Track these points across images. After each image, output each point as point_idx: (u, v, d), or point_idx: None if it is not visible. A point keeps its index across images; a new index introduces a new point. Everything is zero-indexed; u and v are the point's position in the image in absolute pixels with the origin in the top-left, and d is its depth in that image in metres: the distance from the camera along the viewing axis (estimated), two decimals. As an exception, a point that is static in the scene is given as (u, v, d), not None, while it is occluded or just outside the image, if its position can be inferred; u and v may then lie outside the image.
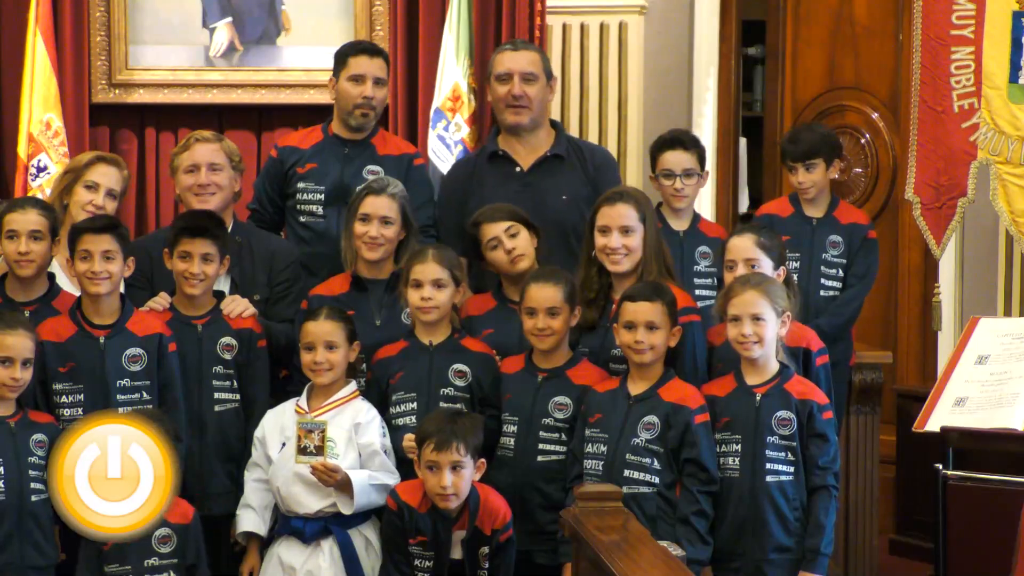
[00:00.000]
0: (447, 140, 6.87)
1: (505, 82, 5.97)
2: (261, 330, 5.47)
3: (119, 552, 4.93)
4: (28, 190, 6.71)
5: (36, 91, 6.83)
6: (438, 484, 4.88)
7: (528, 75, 5.96)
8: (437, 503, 4.92)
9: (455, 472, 4.88)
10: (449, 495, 4.88)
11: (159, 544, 4.97)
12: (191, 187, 5.73)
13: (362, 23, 7.25)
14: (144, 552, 4.95)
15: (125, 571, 4.96)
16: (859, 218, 6.08)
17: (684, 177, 5.91)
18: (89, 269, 5.13)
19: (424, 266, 5.30)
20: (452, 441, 4.87)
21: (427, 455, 4.89)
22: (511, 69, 5.98)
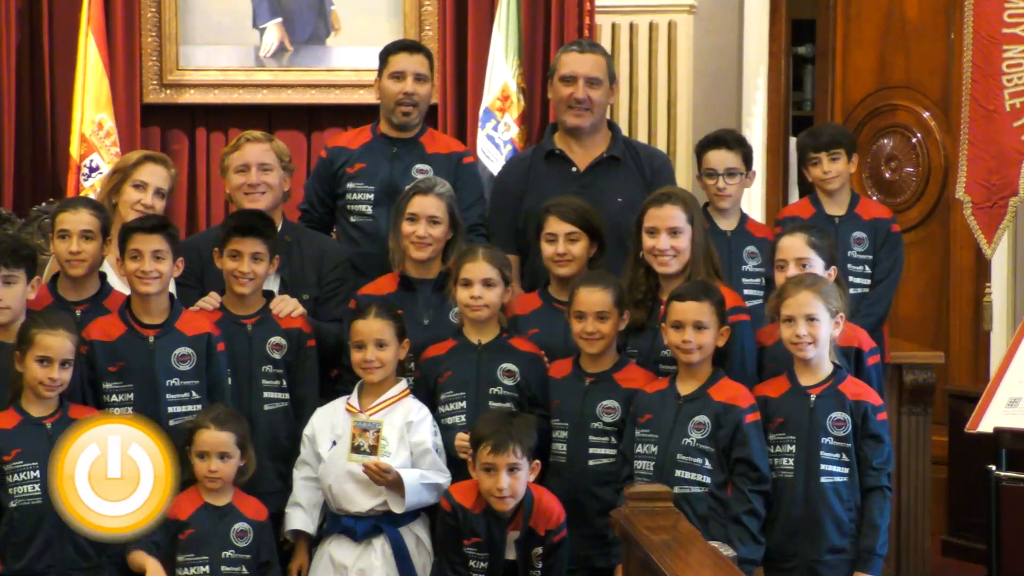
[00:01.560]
0: (496, 140, 6.87)
1: (569, 84, 5.95)
2: (310, 330, 5.47)
3: (196, 542, 5.00)
4: (80, 190, 6.74)
5: (88, 92, 6.87)
6: (495, 486, 4.88)
7: (593, 79, 5.93)
8: (493, 505, 4.91)
9: (511, 474, 4.87)
10: (506, 497, 4.88)
11: (237, 538, 5.02)
12: (241, 187, 5.75)
13: (411, 23, 7.26)
14: (222, 544, 5.01)
15: (201, 561, 5.00)
16: (882, 212, 6.04)
17: (727, 176, 5.88)
18: (139, 268, 5.15)
19: (474, 265, 5.30)
20: (509, 443, 4.86)
21: (483, 457, 4.89)
22: (576, 72, 5.95)
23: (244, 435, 5.06)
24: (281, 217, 5.80)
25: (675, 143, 7.43)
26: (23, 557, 4.89)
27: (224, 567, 5.02)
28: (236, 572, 5.04)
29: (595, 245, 5.54)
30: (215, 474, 5.01)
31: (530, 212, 5.80)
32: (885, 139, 7.68)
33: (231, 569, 5.03)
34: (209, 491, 5.06)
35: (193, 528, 5.02)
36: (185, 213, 7.26)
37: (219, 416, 5.04)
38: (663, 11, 7.49)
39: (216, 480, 5.02)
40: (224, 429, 5.01)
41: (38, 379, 4.91)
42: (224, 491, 5.08)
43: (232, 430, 5.02)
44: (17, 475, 4.88)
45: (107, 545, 4.97)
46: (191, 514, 5.03)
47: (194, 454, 5.02)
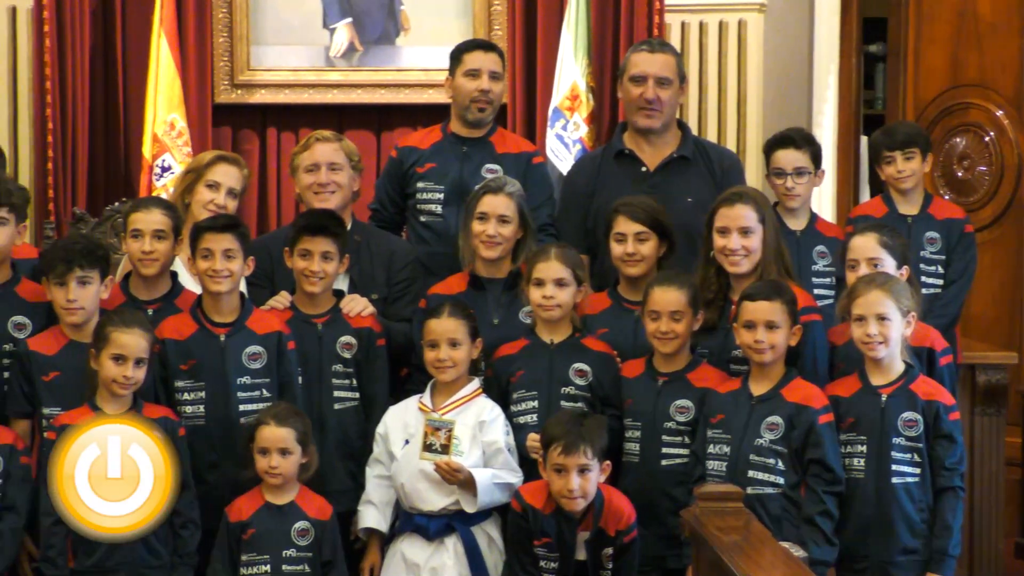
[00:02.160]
0: (565, 139, 6.87)
1: (639, 84, 5.93)
2: (380, 329, 5.49)
3: (258, 541, 5.02)
4: (152, 190, 6.79)
5: (160, 92, 6.92)
6: (565, 487, 4.87)
7: (663, 79, 5.91)
8: (564, 505, 4.90)
9: (582, 475, 4.86)
10: (576, 497, 4.87)
11: (298, 537, 5.03)
12: (311, 186, 5.78)
13: (481, 22, 7.27)
14: (283, 543, 5.03)
15: (263, 560, 5.03)
16: (955, 212, 6.00)
17: (795, 176, 5.86)
18: (210, 267, 5.18)
19: (547, 264, 5.29)
20: (580, 444, 4.85)
21: (554, 458, 4.88)
22: (646, 72, 5.93)
23: (305, 431, 5.07)
24: (351, 217, 5.82)
25: (745, 142, 7.38)
26: (93, 555, 4.92)
27: (286, 566, 5.04)
28: (298, 571, 5.05)
29: (664, 245, 5.52)
30: (275, 470, 5.02)
31: (599, 212, 5.79)
32: (957, 138, 7.60)
33: (293, 568, 5.05)
34: (271, 490, 5.08)
35: (255, 528, 5.05)
36: (255, 213, 7.30)
37: (279, 412, 5.06)
38: (733, 10, 7.45)
39: (277, 476, 5.03)
40: (284, 425, 5.02)
41: (112, 377, 4.94)
42: (287, 489, 5.09)
43: (292, 426, 5.03)
44: None
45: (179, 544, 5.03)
46: (252, 514, 5.06)
47: (255, 451, 5.04)
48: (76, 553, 4.92)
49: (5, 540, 4.95)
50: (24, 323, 5.20)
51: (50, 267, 5.09)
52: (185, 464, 5.03)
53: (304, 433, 5.06)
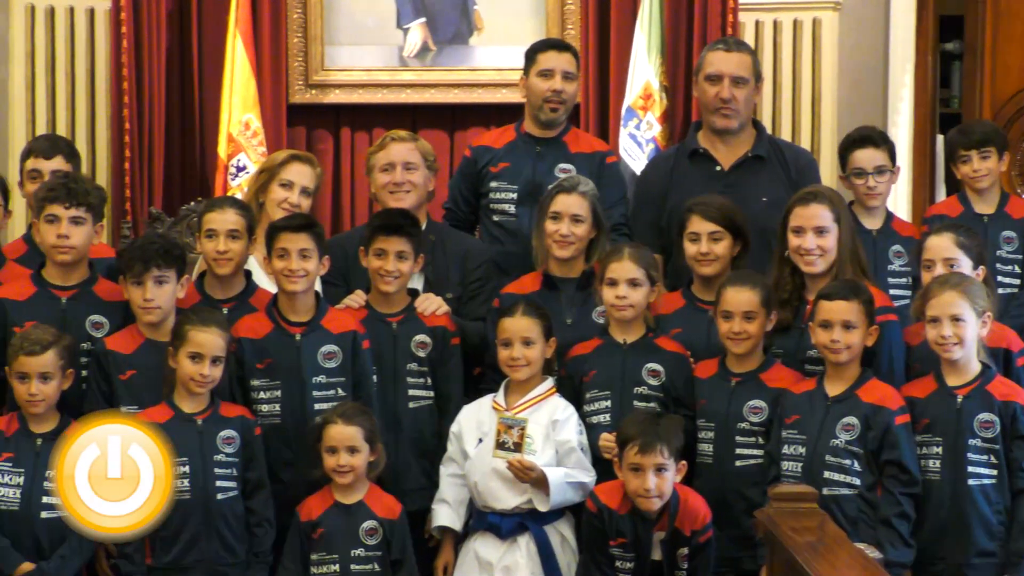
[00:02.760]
0: (639, 138, 6.84)
1: (715, 83, 5.92)
2: (455, 328, 5.50)
3: (327, 540, 5.05)
4: (228, 189, 6.82)
5: (235, 92, 6.95)
6: (641, 486, 4.86)
7: (739, 78, 5.90)
8: (639, 505, 4.90)
9: (658, 474, 4.86)
10: (652, 498, 4.87)
11: (366, 536, 5.05)
12: (386, 185, 5.80)
13: (554, 22, 7.26)
14: (351, 542, 5.05)
15: (331, 559, 5.05)
16: None
17: (876, 175, 5.82)
18: (286, 267, 5.21)
19: (620, 264, 5.29)
20: (656, 444, 4.85)
21: (630, 458, 4.88)
22: (722, 71, 5.92)
23: (372, 429, 5.09)
24: (426, 216, 5.84)
25: (819, 141, 7.33)
26: (171, 551, 4.98)
27: (354, 565, 5.06)
28: (367, 570, 5.08)
29: (739, 244, 5.51)
30: (344, 468, 5.04)
31: (673, 211, 5.78)
32: (1035, 136, 7.54)
33: (361, 567, 5.07)
34: (340, 489, 5.10)
35: (324, 527, 5.08)
36: (330, 212, 7.32)
37: (346, 411, 5.09)
38: (808, 8, 7.40)
39: (346, 474, 5.06)
40: (351, 423, 5.04)
41: (189, 375, 4.99)
42: (356, 488, 5.11)
43: (359, 424, 5.05)
44: None
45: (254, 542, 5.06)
46: (322, 513, 5.09)
47: (323, 450, 5.06)
48: (153, 550, 4.98)
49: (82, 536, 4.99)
50: (101, 322, 5.26)
51: (127, 266, 5.14)
52: (261, 464, 5.10)
53: (371, 431, 5.08)
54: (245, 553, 5.07)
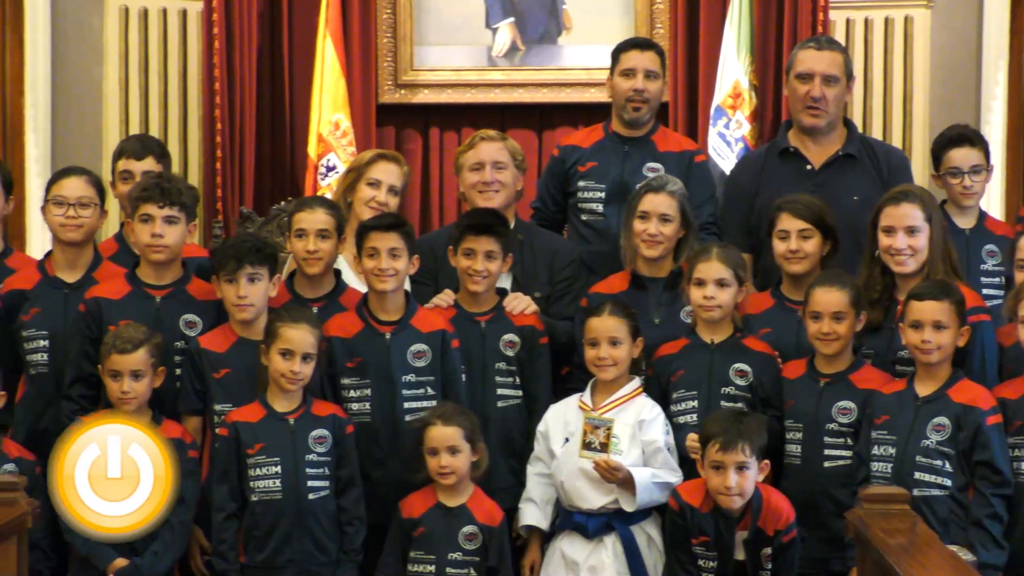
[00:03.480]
0: (728, 137, 6.82)
1: (805, 81, 5.88)
2: (543, 327, 5.50)
3: (426, 540, 5.07)
4: (317, 189, 6.87)
5: (325, 92, 7.00)
6: (722, 484, 4.85)
7: (830, 77, 5.86)
8: (721, 503, 4.89)
9: (740, 472, 4.84)
10: (733, 495, 4.85)
11: (465, 540, 5.07)
12: (475, 185, 5.82)
13: (643, 21, 7.25)
14: (450, 545, 5.07)
15: (428, 560, 5.07)
16: None
17: (972, 174, 5.77)
18: (376, 266, 5.23)
19: (708, 264, 5.27)
20: (738, 442, 4.83)
21: (712, 455, 4.87)
22: (813, 70, 5.88)
23: (473, 429, 5.10)
24: (514, 215, 5.85)
25: (911, 140, 7.27)
26: (263, 550, 5.03)
27: (450, 569, 5.08)
28: (462, 574, 5.09)
29: (828, 243, 5.48)
30: (445, 469, 5.06)
31: (763, 210, 5.75)
32: None
33: (457, 571, 5.09)
34: (445, 490, 5.12)
35: (424, 526, 5.10)
36: (418, 212, 7.35)
37: (445, 412, 5.10)
38: (899, 6, 7.33)
39: (449, 475, 5.07)
40: (451, 424, 5.06)
41: (280, 372, 5.03)
42: (460, 490, 5.13)
43: (459, 424, 5.07)
44: (259, 469, 5.03)
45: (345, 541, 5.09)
46: (423, 512, 5.11)
47: (425, 452, 5.08)
48: (247, 548, 5.04)
49: (175, 532, 5.04)
50: (195, 321, 5.30)
51: (221, 264, 5.19)
52: (353, 462, 5.13)
53: (471, 431, 5.09)
54: (336, 552, 5.10)
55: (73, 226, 5.40)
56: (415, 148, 7.42)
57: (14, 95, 7.21)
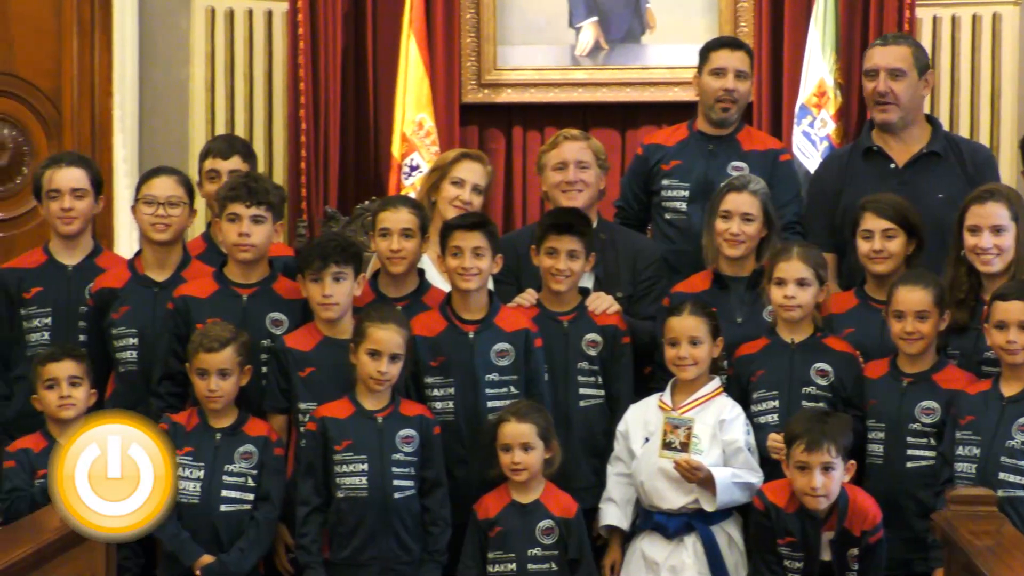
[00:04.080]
0: (812, 136, 6.79)
1: (872, 78, 5.86)
2: (625, 327, 5.50)
3: (504, 539, 5.09)
4: (401, 188, 6.89)
5: (409, 92, 7.02)
6: (808, 485, 4.83)
7: (895, 71, 5.82)
8: (806, 504, 4.87)
9: (825, 473, 4.82)
10: (819, 496, 4.83)
11: (543, 535, 5.08)
12: (558, 184, 5.82)
13: (727, 19, 7.22)
14: (528, 541, 5.08)
15: (508, 558, 5.09)
16: None
17: None
18: (460, 265, 5.25)
19: (789, 264, 5.25)
20: (823, 442, 4.81)
21: (797, 455, 4.85)
22: (877, 65, 5.85)
23: (546, 426, 5.11)
24: (596, 215, 5.85)
25: (998, 138, 7.19)
26: (347, 547, 5.06)
27: (531, 565, 5.09)
28: (544, 570, 5.10)
29: (913, 243, 5.44)
30: (518, 466, 5.07)
31: (847, 210, 5.72)
32: None
33: (539, 567, 5.09)
34: (517, 487, 5.13)
35: (501, 526, 5.11)
36: (501, 211, 7.36)
37: (519, 409, 5.11)
38: (987, 3, 7.25)
39: (521, 472, 5.08)
40: (524, 421, 5.07)
41: (368, 372, 5.06)
42: (532, 487, 5.14)
43: (533, 421, 5.08)
44: (346, 466, 5.05)
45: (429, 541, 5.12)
46: (499, 512, 5.12)
47: (499, 448, 5.10)
48: (331, 544, 5.07)
49: (261, 529, 5.10)
50: (281, 320, 5.34)
51: (306, 263, 5.23)
52: (439, 463, 5.15)
53: (546, 428, 5.10)
54: (420, 551, 5.12)
55: (162, 225, 5.46)
56: (498, 147, 7.43)
57: (103, 96, 7.29)
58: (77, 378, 5.21)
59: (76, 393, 5.19)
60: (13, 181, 7.07)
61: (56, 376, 5.19)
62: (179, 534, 5.05)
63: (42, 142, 7.20)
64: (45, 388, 5.20)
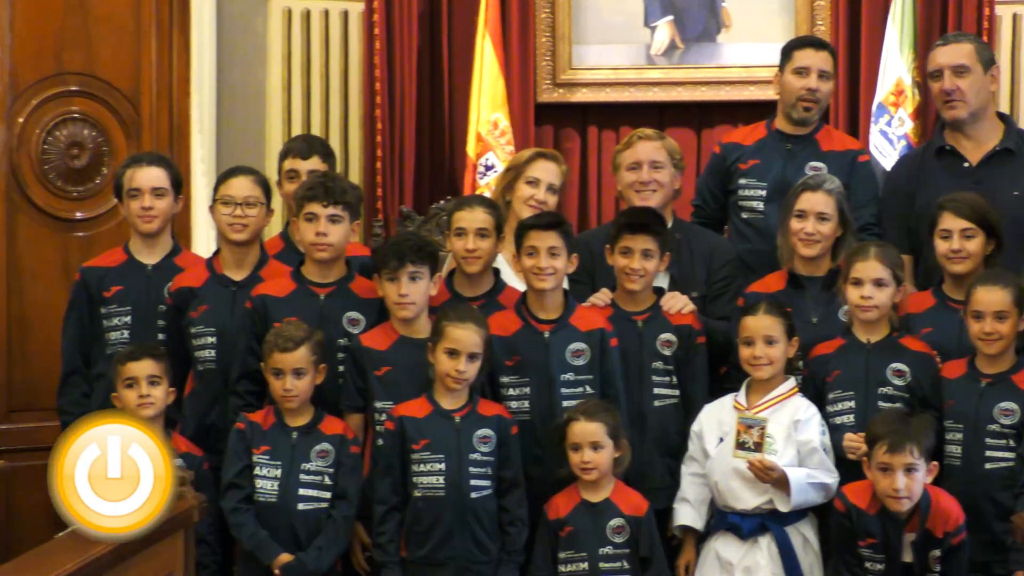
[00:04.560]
0: (890, 135, 6.74)
1: (937, 79, 5.85)
2: (700, 326, 5.49)
3: (575, 539, 5.08)
4: (476, 188, 6.90)
5: (484, 92, 7.03)
6: (890, 486, 4.80)
7: (958, 68, 5.80)
8: (889, 505, 4.84)
9: (908, 475, 4.79)
10: (902, 498, 4.80)
11: (613, 534, 5.08)
12: (632, 184, 5.82)
13: (803, 18, 7.19)
14: (599, 540, 5.07)
15: (580, 558, 5.08)
16: None
17: None
18: (535, 265, 5.26)
19: (866, 264, 5.22)
20: (906, 443, 4.79)
21: (879, 457, 4.82)
22: (940, 64, 5.85)
23: (616, 425, 5.10)
24: (671, 214, 5.84)
25: (1075, 135, 7.12)
26: (424, 546, 5.07)
27: (603, 564, 5.08)
28: (616, 568, 5.09)
29: (992, 242, 5.40)
30: (588, 465, 5.07)
31: (923, 210, 5.69)
32: None
33: (610, 565, 5.09)
34: (587, 486, 5.13)
35: (572, 525, 5.11)
36: (576, 210, 7.36)
37: (588, 408, 5.11)
38: (1071, -3, 7.20)
39: (591, 471, 5.08)
40: (593, 420, 5.07)
41: (446, 371, 5.08)
42: (602, 486, 5.14)
43: (602, 420, 5.08)
44: (423, 465, 5.07)
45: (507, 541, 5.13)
46: (569, 511, 5.12)
47: (568, 447, 5.09)
48: (408, 543, 5.09)
49: (338, 527, 5.13)
50: (358, 319, 5.37)
51: (383, 263, 5.25)
52: (516, 463, 5.16)
53: (615, 427, 5.10)
54: (497, 551, 5.13)
55: (240, 226, 5.51)
56: (573, 147, 7.43)
57: (181, 97, 7.34)
58: (156, 377, 5.24)
59: (155, 392, 5.23)
60: (93, 181, 7.13)
61: (135, 375, 5.22)
62: (257, 533, 5.09)
63: (121, 143, 7.25)
64: (125, 387, 5.24)
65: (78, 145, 7.08)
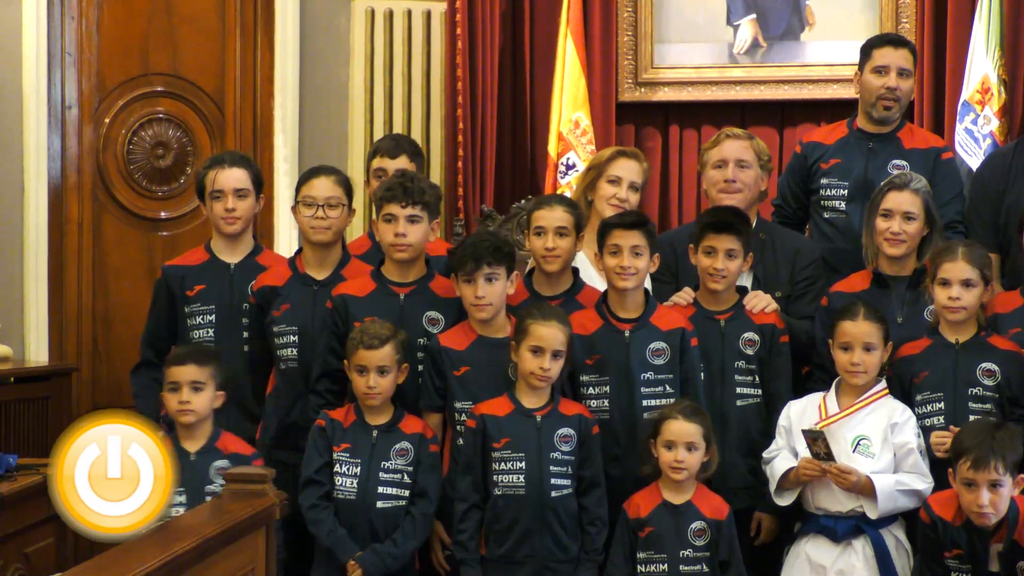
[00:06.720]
0: (975, 134, 6.67)
1: None
2: (783, 326, 5.45)
3: (655, 539, 5.05)
4: (557, 187, 6.92)
5: (566, 91, 7.05)
6: (975, 502, 4.72)
7: None
8: (973, 520, 4.76)
9: (993, 490, 4.70)
10: (986, 513, 4.73)
11: (694, 537, 5.05)
12: (718, 182, 5.79)
13: (888, 16, 7.15)
14: (680, 542, 5.05)
15: (660, 559, 5.06)
16: None
17: None
18: (618, 264, 5.24)
19: (953, 264, 5.16)
20: (990, 459, 4.69)
21: (963, 472, 4.73)
22: None
23: (709, 429, 5.08)
24: (756, 215, 5.80)
25: None
26: (503, 544, 5.07)
27: (683, 566, 5.05)
28: (696, 571, 5.06)
29: (1083, 240, 5.34)
30: (681, 464, 5.05)
31: (1011, 208, 5.64)
32: None
33: (690, 568, 5.06)
34: (670, 487, 5.10)
35: (652, 526, 5.08)
36: (657, 209, 7.35)
37: (686, 408, 5.09)
38: None
39: (682, 471, 5.06)
40: (692, 421, 5.04)
41: (530, 369, 5.07)
42: (685, 488, 5.11)
43: (700, 423, 5.05)
44: (504, 463, 5.07)
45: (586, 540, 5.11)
46: (650, 511, 5.10)
47: (660, 445, 5.07)
48: (487, 541, 5.09)
49: (417, 524, 5.14)
50: (437, 318, 5.38)
51: (459, 264, 5.24)
52: (597, 463, 5.14)
53: (708, 430, 5.08)
54: (577, 551, 5.12)
55: (321, 228, 5.52)
56: (655, 146, 7.42)
57: (264, 96, 7.41)
58: (199, 383, 5.20)
59: (196, 399, 5.18)
60: (177, 181, 7.21)
61: (178, 380, 5.20)
62: (335, 530, 5.11)
63: (205, 142, 7.32)
64: (169, 391, 5.23)
65: (163, 145, 7.15)
